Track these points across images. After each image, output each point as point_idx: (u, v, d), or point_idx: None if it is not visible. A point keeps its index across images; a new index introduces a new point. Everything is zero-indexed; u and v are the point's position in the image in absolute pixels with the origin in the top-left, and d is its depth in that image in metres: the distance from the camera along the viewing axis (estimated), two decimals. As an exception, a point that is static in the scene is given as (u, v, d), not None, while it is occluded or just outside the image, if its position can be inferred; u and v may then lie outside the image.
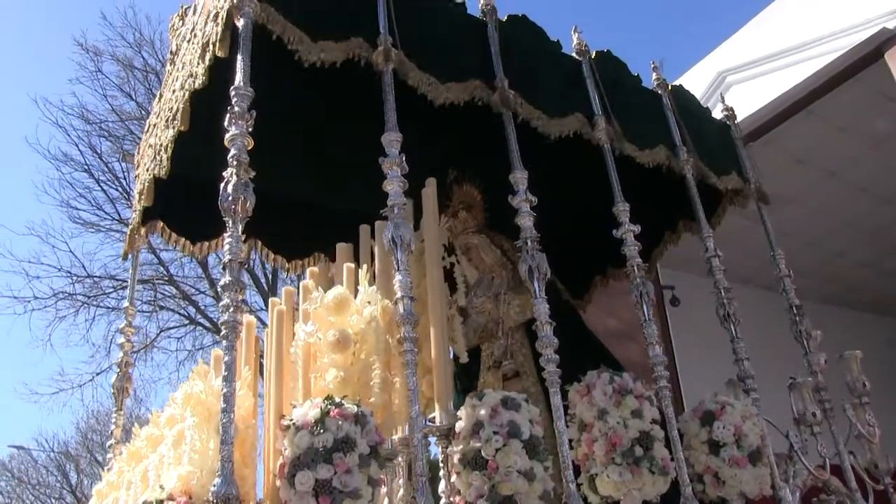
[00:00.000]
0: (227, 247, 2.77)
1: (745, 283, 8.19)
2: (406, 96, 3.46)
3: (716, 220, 5.14)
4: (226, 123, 2.97)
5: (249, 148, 2.95)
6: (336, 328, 2.96)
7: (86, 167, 14.09)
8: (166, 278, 13.77)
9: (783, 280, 4.89)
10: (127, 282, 13.07)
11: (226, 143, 2.94)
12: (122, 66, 14.65)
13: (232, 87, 3.03)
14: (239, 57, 3.07)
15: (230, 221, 2.80)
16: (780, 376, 4.70)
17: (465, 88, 3.68)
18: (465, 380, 4.34)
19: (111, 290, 13.58)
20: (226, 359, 2.60)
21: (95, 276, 13.63)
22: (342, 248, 3.63)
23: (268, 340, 3.11)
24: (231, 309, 2.68)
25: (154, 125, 4.10)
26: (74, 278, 13.77)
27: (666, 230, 5.43)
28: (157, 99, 4.29)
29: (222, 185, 2.85)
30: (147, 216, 4.33)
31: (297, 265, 5.07)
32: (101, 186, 13.95)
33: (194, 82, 3.42)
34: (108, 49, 14.82)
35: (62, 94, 24.86)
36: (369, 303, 3.08)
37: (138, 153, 4.36)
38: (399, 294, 3.00)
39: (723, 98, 5.68)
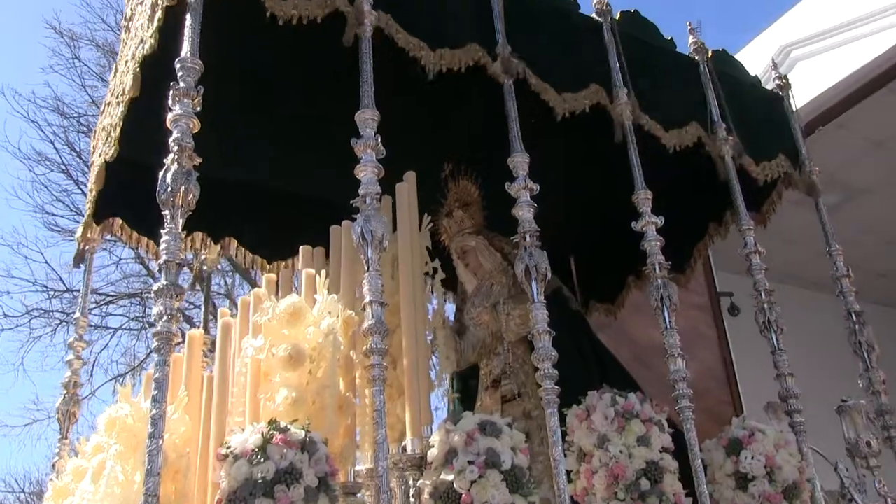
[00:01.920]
0: (163, 245, 2.78)
1: (818, 289, 8.01)
2: (395, 70, 3.46)
3: (767, 209, 5.08)
4: (169, 101, 2.95)
5: (195, 130, 2.94)
6: (289, 342, 2.98)
7: (63, 167, 13.67)
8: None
9: (840, 281, 4.80)
10: (114, 296, 13.28)
11: (168, 123, 2.93)
12: (102, 52, 14.15)
13: (177, 60, 3.02)
14: (187, 21, 3.07)
15: (168, 215, 2.81)
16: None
17: (461, 55, 3.66)
18: (466, 402, 4.34)
19: (94, 305, 13.18)
20: (156, 376, 2.60)
21: (75, 291, 13.13)
22: (307, 251, 3.67)
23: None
24: (164, 318, 2.67)
25: (108, 104, 4.15)
26: (51, 293, 13.46)
27: (711, 222, 5.36)
28: (112, 74, 4.34)
29: (161, 172, 2.85)
30: (104, 211, 4.33)
31: (281, 266, 5.02)
32: (80, 189, 13.22)
33: (144, 48, 3.43)
34: (85, 33, 14.47)
35: (34, 85, 24.21)
36: (329, 313, 3.10)
37: (94, 137, 4.42)
38: (368, 298, 2.96)
39: (775, 65, 5.53)
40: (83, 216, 4.40)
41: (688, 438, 3.44)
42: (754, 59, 8.10)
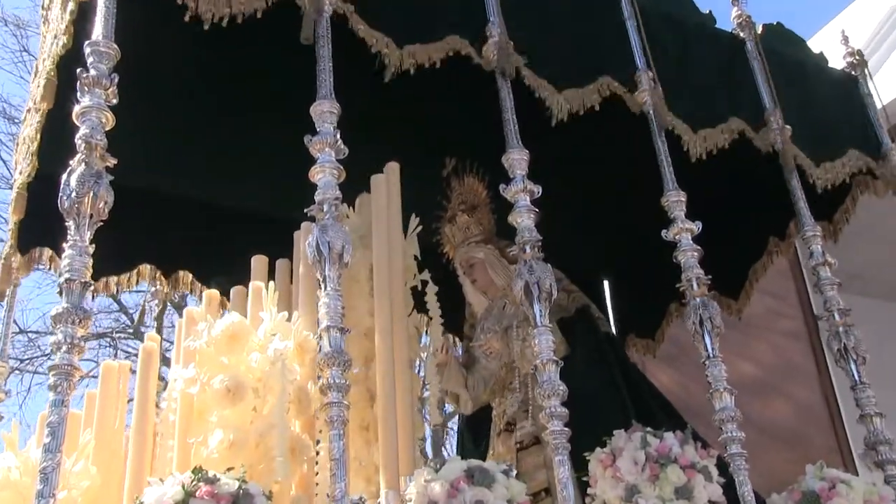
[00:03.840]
0: (65, 261, 2.67)
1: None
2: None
3: (840, 218, 4.95)
4: (78, 93, 2.89)
5: (109, 127, 2.87)
6: (227, 372, 2.86)
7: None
8: (130, 330, 13.37)
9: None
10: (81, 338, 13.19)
11: (74, 118, 2.87)
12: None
13: (87, 43, 2.96)
14: None
15: (72, 226, 2.72)
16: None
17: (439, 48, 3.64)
18: (472, 449, 4.26)
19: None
20: (50, 419, 2.47)
21: (32, 332, 12.93)
22: (260, 262, 3.54)
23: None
24: (63, 349, 2.56)
25: (28, 111, 4.09)
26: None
27: (772, 237, 5.25)
28: (32, 75, 4.26)
29: (65, 175, 2.77)
30: (30, 239, 4.21)
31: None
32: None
33: (58, 44, 3.37)
34: (34, 21, 13.85)
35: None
36: (278, 335, 2.98)
37: (15, 150, 4.34)
38: (325, 323, 2.87)
39: (845, 38, 5.26)
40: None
41: (741, 493, 3.28)
42: (858, 23, 7.81)
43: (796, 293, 7.07)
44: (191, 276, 4.90)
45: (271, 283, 3.19)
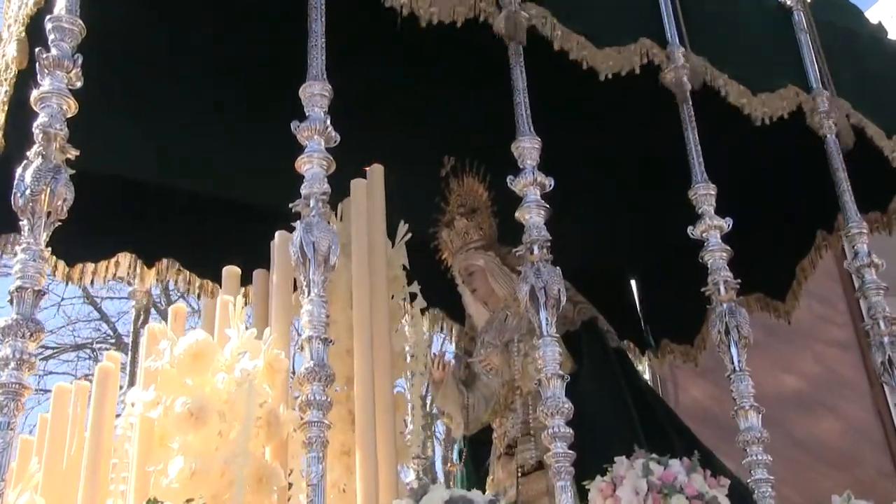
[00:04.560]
0: (17, 266, 2.61)
1: None
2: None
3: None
4: (38, 75, 2.81)
5: (71, 114, 2.82)
6: (190, 394, 2.80)
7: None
8: (112, 340, 13.37)
9: None
10: (56, 348, 12.95)
11: (32, 103, 2.80)
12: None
13: (48, 18, 2.88)
14: None
15: (26, 226, 2.66)
16: None
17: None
18: (472, 474, 4.26)
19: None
20: (-4, 442, 2.44)
21: None
22: (230, 273, 3.50)
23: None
24: (11, 365, 2.47)
25: None
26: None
27: (819, 230, 5.13)
28: None
29: (19, 170, 2.72)
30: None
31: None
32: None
33: (27, 5, 3.32)
34: None
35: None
36: (246, 354, 2.91)
37: None
38: (307, 333, 2.77)
39: None
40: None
41: (764, 526, 3.18)
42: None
43: (845, 298, 6.95)
44: (177, 264, 4.91)
45: (239, 296, 3.11)
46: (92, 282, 4.85)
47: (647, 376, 6.97)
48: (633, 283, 6.09)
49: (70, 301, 13.08)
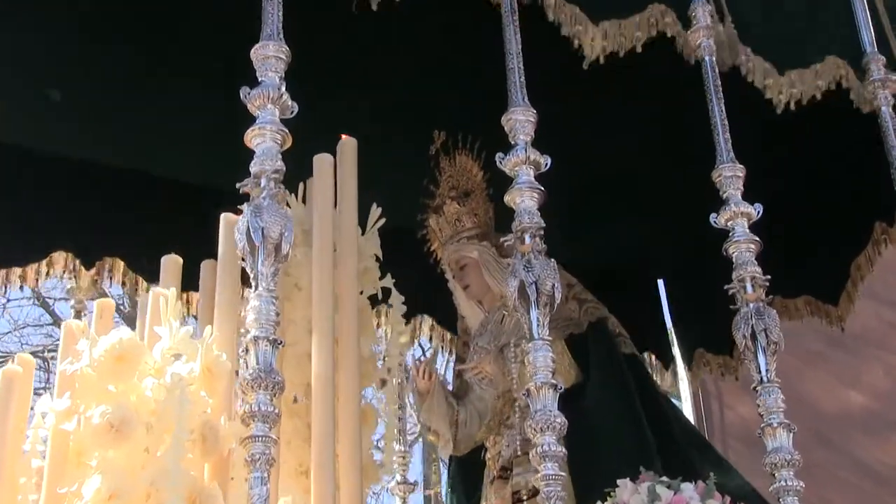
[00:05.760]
0: None
1: None
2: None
3: None
4: None
5: None
6: (112, 403, 2.67)
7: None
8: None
9: None
10: (4, 357, 12.94)
11: None
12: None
13: None
14: None
15: None
16: None
17: None
18: (462, 501, 4.27)
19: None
20: None
21: None
22: (171, 262, 3.37)
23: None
24: None
25: None
26: None
27: (878, 221, 5.01)
28: None
29: None
30: None
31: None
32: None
33: None
34: None
35: None
36: (180, 357, 2.81)
37: None
38: (253, 333, 2.64)
39: None
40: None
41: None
42: None
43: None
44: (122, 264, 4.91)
45: (172, 288, 3.00)
46: (21, 285, 4.89)
47: (686, 392, 6.92)
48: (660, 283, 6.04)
49: (17, 303, 12.89)
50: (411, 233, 4.54)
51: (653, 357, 5.66)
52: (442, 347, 5.48)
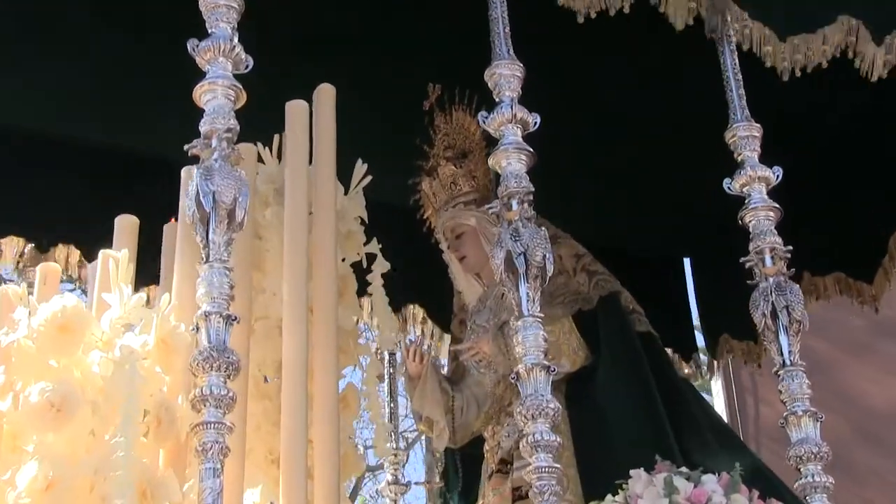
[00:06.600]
0: None
1: None
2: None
3: None
4: None
5: None
6: (52, 379, 2.63)
7: None
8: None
9: None
10: None
11: None
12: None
13: None
14: None
15: None
16: None
17: None
18: (459, 497, 4.27)
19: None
20: None
21: None
22: (125, 221, 3.32)
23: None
24: None
25: None
26: None
27: None
28: None
29: None
30: None
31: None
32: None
33: None
34: None
35: None
36: (129, 328, 2.77)
37: None
38: (205, 308, 2.61)
39: None
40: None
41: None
42: None
43: None
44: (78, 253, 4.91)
45: (124, 250, 2.94)
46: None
47: (719, 386, 6.90)
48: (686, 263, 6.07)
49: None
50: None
51: (670, 350, 5.61)
52: (433, 335, 5.50)
